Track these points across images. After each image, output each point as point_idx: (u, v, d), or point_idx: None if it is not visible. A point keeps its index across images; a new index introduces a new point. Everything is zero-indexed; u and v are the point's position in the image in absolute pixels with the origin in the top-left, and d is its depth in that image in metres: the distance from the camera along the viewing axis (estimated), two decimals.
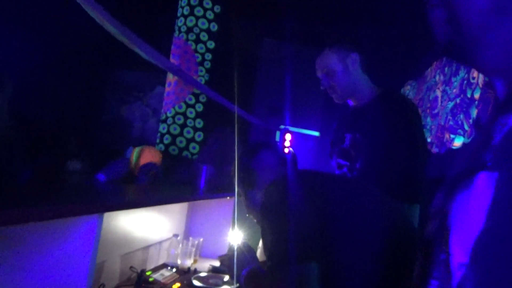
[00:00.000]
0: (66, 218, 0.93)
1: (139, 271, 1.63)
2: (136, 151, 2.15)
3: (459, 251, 0.39)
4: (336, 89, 1.52)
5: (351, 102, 1.59)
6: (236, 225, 2.33)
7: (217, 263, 1.65)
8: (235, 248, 1.34)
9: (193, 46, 3.42)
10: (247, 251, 1.31)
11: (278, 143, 3.68)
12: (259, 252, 1.73)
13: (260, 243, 1.76)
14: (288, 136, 3.68)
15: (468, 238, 0.38)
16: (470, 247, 0.38)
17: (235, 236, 2.30)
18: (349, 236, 0.97)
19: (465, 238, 0.39)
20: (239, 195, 1.31)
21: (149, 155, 2.13)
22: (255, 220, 1.27)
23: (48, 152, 1.54)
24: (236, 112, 3.36)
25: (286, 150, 3.82)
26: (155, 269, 1.79)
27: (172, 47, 3.41)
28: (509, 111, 0.42)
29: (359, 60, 1.52)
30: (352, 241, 0.97)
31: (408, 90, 4.49)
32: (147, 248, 1.87)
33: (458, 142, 2.97)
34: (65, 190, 1.25)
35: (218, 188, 2.08)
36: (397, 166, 1.36)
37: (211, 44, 3.48)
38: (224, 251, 2.33)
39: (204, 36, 3.43)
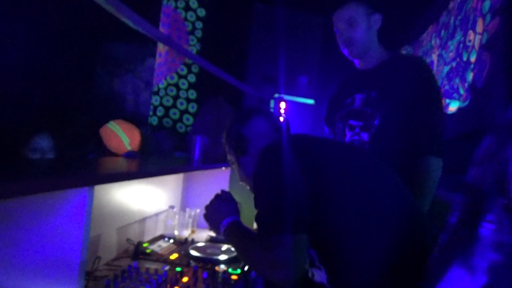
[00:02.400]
0: (55, 192, 0.91)
1: (136, 243, 1.63)
2: (118, 130, 1.96)
3: None
4: (354, 43, 1.51)
5: (358, 64, 1.60)
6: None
7: (214, 233, 1.65)
8: (214, 196, 1.28)
9: (183, 15, 3.31)
10: (228, 200, 1.26)
11: (273, 111, 3.65)
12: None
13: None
14: (282, 105, 3.64)
15: None
16: None
17: None
18: (346, 206, 0.94)
19: None
20: (231, 162, 1.28)
21: (134, 129, 1.98)
22: (248, 188, 1.25)
23: (39, 129, 1.50)
24: (229, 81, 3.30)
25: (281, 119, 3.79)
26: (152, 241, 1.80)
27: (161, 15, 3.31)
28: None
29: (380, 23, 1.54)
30: (349, 211, 0.94)
31: None
32: (143, 220, 1.87)
33: (453, 107, 2.95)
34: (56, 163, 1.22)
35: (213, 159, 2.06)
36: (421, 120, 1.38)
37: (202, 12, 3.38)
38: None
39: (194, 3, 3.32)
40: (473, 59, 2.72)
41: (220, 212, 1.21)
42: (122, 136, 1.90)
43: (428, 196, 1.34)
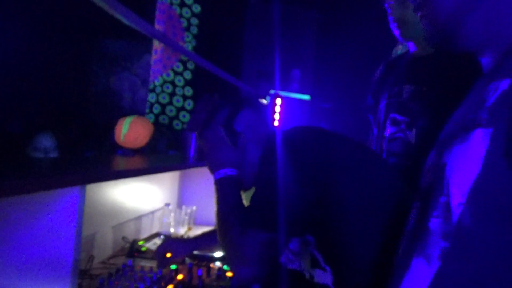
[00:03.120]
0: (46, 191, 0.91)
1: (131, 241, 1.64)
2: (126, 122, 2.00)
3: (458, 193, 0.49)
4: (408, 22, 1.29)
5: (413, 47, 1.38)
6: None
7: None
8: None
9: (178, 11, 3.29)
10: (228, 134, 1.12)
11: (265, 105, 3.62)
12: None
13: None
14: (278, 101, 3.63)
15: (465, 182, 0.48)
16: (467, 189, 0.47)
17: None
18: (354, 206, 0.90)
19: (462, 181, 0.48)
20: None
21: (140, 128, 2.01)
22: None
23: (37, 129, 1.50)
24: (225, 78, 3.29)
25: (277, 115, 3.78)
26: (148, 238, 1.80)
27: (156, 12, 3.29)
28: (499, 78, 0.50)
29: None
30: (356, 211, 0.90)
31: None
32: (139, 218, 1.87)
33: None
34: (52, 162, 1.22)
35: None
36: None
37: (197, 8, 3.36)
38: None
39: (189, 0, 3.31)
40: None
41: (216, 154, 1.10)
42: (124, 127, 1.90)
43: None
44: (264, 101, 3.64)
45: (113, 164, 1.43)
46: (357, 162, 0.98)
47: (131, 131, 1.91)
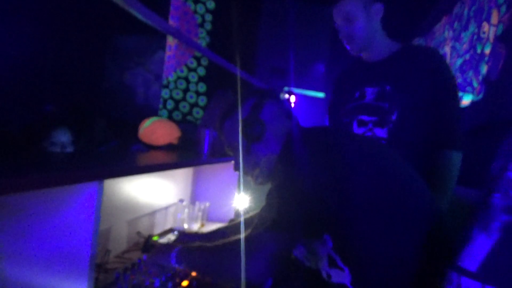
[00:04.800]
0: (65, 186, 0.92)
1: (146, 236, 1.64)
2: (153, 118, 2.00)
3: None
4: (355, 39, 1.46)
5: (364, 56, 1.55)
6: (242, 190, 2.34)
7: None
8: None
9: (192, 7, 3.30)
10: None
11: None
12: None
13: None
14: (292, 98, 3.62)
15: None
16: None
17: (241, 201, 2.31)
18: (371, 205, 0.90)
19: None
20: (234, 151, 1.18)
21: (160, 126, 2.00)
22: (253, 181, 1.17)
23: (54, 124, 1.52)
24: (238, 74, 3.29)
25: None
26: (162, 234, 1.81)
27: (171, 8, 3.30)
28: None
29: (382, 12, 1.46)
30: (374, 210, 0.90)
31: None
32: (153, 213, 1.88)
33: (466, 100, 2.90)
34: (67, 157, 1.23)
35: (222, 153, 2.05)
36: (440, 113, 1.35)
37: (211, 4, 3.36)
38: (231, 215, 2.35)
39: None
40: (487, 51, 2.66)
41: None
42: (148, 121, 1.94)
43: (449, 190, 1.32)
44: (286, 95, 3.63)
45: (129, 159, 1.44)
46: (377, 164, 0.97)
47: (151, 126, 1.94)
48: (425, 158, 1.33)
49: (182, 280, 1.28)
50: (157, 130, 1.94)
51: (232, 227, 1.46)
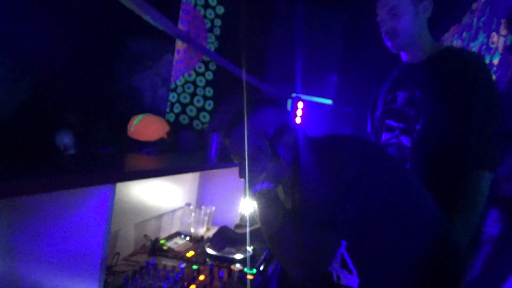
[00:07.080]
0: (79, 188, 0.93)
1: (153, 239, 1.65)
2: (140, 116, 2.01)
3: None
4: (399, 35, 1.34)
5: (405, 56, 1.42)
6: (247, 195, 2.34)
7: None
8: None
9: (202, 12, 3.32)
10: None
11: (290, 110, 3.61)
12: None
13: None
14: (300, 104, 3.62)
15: None
16: None
17: (246, 206, 2.31)
18: (386, 214, 0.92)
19: None
20: (255, 157, 1.15)
21: (150, 121, 2.01)
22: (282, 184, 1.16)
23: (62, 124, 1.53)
24: (247, 80, 3.30)
25: (298, 119, 3.76)
26: (169, 237, 1.81)
27: (181, 13, 3.32)
28: None
29: (431, 9, 1.36)
30: (387, 219, 0.91)
31: None
32: (160, 217, 1.89)
33: None
34: (78, 160, 1.24)
35: (229, 157, 2.06)
36: (475, 129, 1.20)
37: (220, 10, 3.38)
38: (236, 220, 2.35)
39: (213, 1, 3.33)
40: (496, 61, 2.66)
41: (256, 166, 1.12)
42: (136, 119, 1.95)
43: (477, 212, 1.20)
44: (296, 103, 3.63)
45: (138, 163, 1.44)
46: (391, 172, 0.99)
47: (141, 122, 1.94)
48: (452, 175, 1.21)
49: (190, 284, 1.29)
50: (149, 125, 1.95)
51: None
